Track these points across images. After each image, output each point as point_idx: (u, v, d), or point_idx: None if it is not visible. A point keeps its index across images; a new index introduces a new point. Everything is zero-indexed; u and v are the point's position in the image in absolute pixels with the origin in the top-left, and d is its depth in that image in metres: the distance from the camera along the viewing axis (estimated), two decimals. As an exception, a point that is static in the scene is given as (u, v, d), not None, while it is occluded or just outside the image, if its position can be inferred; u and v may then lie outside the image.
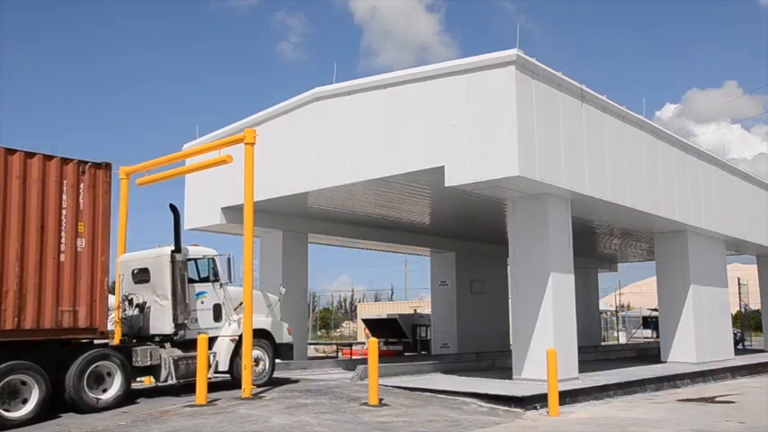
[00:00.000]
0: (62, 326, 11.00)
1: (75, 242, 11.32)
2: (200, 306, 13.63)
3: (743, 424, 11.14)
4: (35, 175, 10.97)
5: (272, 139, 17.00)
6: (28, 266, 10.74)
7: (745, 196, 24.69)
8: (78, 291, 11.26)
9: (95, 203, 11.65)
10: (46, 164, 11.12)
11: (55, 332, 10.97)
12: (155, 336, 13.32)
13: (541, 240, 14.93)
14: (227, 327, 13.86)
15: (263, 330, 14.17)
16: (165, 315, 13.18)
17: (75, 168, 11.49)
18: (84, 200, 11.51)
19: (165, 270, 13.28)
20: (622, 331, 52.20)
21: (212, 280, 13.90)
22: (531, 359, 14.67)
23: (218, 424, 9.89)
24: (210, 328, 13.57)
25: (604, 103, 16.16)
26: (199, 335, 12.60)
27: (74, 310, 11.16)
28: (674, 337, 21.04)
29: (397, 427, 9.99)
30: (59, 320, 10.97)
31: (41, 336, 10.86)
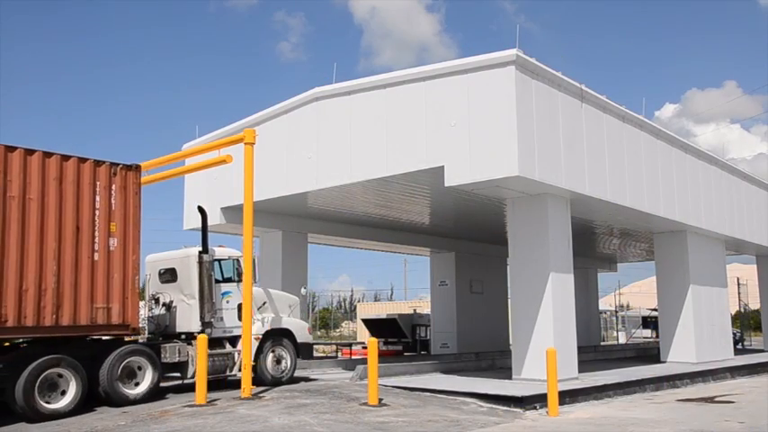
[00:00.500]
0: (97, 322, 11.44)
1: (107, 242, 11.72)
2: (226, 305, 14.02)
3: (742, 424, 11.14)
4: (70, 177, 11.36)
5: (272, 140, 17.01)
6: (64, 265, 11.12)
7: (745, 196, 24.70)
8: (111, 289, 11.66)
9: (126, 204, 12.03)
10: (80, 166, 11.52)
11: (90, 328, 11.43)
12: (181, 333, 13.67)
13: (541, 240, 14.93)
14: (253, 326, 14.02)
15: (285, 330, 14.66)
16: (193, 314, 13.61)
17: (108, 170, 11.89)
18: (116, 200, 11.91)
19: (192, 270, 13.72)
20: (622, 331, 52.18)
21: (237, 280, 14.22)
22: (530, 359, 14.68)
23: (218, 424, 9.89)
24: (235, 327, 13.95)
25: (604, 103, 16.16)
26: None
27: (107, 307, 11.57)
28: (674, 337, 21.05)
29: (396, 427, 9.99)
30: (94, 317, 11.40)
31: (78, 332, 11.32)
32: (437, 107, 14.40)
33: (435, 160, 14.24)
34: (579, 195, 15.28)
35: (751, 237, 24.63)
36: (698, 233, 21.52)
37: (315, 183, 16.52)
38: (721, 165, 22.99)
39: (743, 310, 38.07)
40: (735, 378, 20.11)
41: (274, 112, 17.75)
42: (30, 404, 10.45)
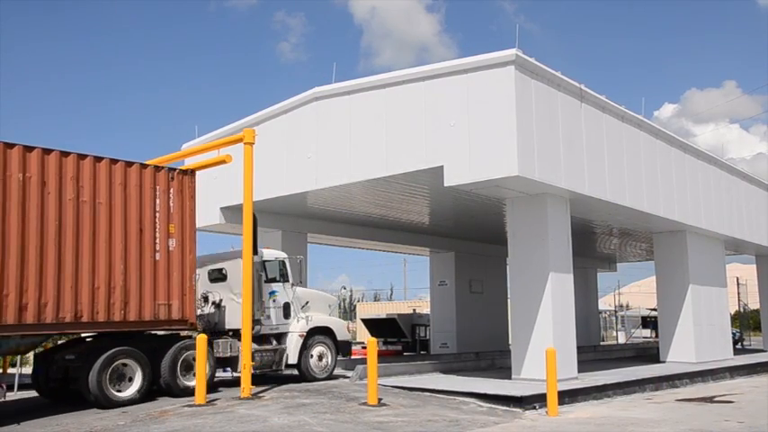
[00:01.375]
0: (159, 318, 12.29)
1: (167, 242, 12.58)
2: (272, 304, 14.78)
3: (741, 423, 11.14)
4: (133, 182, 12.20)
5: (272, 139, 17.00)
6: (130, 265, 11.98)
7: (744, 196, 24.71)
8: (171, 286, 12.51)
9: (183, 206, 12.89)
10: (142, 171, 12.38)
11: (153, 323, 12.32)
12: (230, 330, 14.35)
13: (541, 240, 14.94)
14: (295, 323, 15.10)
15: (326, 328, 15.57)
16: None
17: (166, 175, 12.77)
18: (174, 203, 12.76)
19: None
20: (621, 331, 52.19)
21: (282, 280, 15.05)
22: (530, 359, 14.68)
23: (218, 424, 9.89)
24: (281, 325, 14.88)
25: (603, 102, 16.16)
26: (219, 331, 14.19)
27: (168, 303, 12.43)
28: (673, 336, 21.06)
29: (395, 426, 9.99)
30: (157, 313, 12.25)
31: (143, 327, 12.24)
32: (437, 107, 14.40)
33: (435, 160, 14.24)
34: (579, 195, 15.28)
35: (750, 236, 24.64)
36: (697, 233, 21.53)
37: (314, 183, 16.52)
38: (720, 164, 22.99)
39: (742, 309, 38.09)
40: (734, 378, 20.11)
41: (274, 112, 17.74)
42: (102, 392, 11.40)
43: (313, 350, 15.09)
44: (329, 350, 15.41)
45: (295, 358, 14.82)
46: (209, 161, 14.76)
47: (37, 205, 10.99)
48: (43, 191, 11.11)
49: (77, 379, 11.51)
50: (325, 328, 15.53)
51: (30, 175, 10.99)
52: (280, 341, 14.82)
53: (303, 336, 14.98)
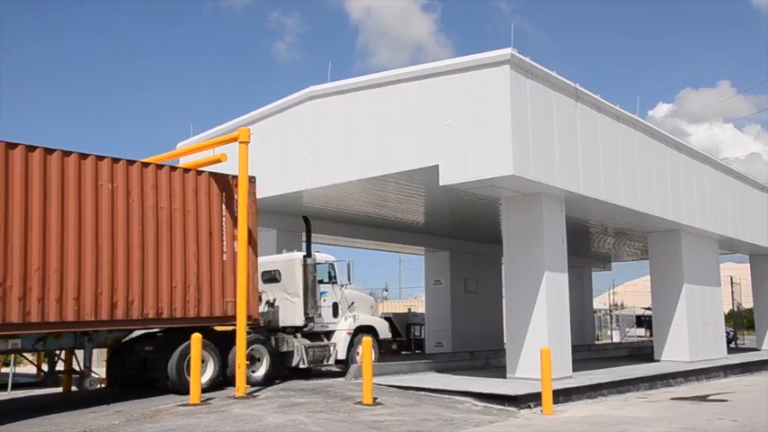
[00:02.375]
0: (227, 314, 13.24)
1: (233, 244, 13.50)
2: (322, 303, 16.07)
3: (735, 422, 11.17)
4: (203, 188, 13.24)
5: (267, 138, 16.98)
6: (202, 265, 13.04)
7: (738, 196, 24.78)
8: (236, 285, 13.23)
9: (245, 210, 13.43)
10: (210, 179, 13.40)
11: (222, 319, 13.27)
12: (285, 327, 15.54)
13: (536, 239, 14.95)
14: (343, 322, 16.49)
15: (370, 327, 16.93)
16: (296, 310, 15.64)
17: (231, 182, 13.66)
18: (236, 208, 13.49)
19: (296, 272, 15.80)
20: (616, 330, 52.29)
21: (332, 282, 16.44)
22: (525, 358, 14.69)
23: (212, 423, 9.87)
24: (330, 323, 16.25)
25: (598, 102, 16.18)
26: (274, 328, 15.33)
27: (234, 301, 13.22)
28: (668, 335, 21.11)
29: (390, 425, 9.99)
30: (225, 309, 13.28)
31: (213, 322, 13.28)
32: (432, 106, 14.40)
33: (430, 159, 14.24)
34: (574, 194, 15.30)
35: (744, 236, 24.71)
36: (692, 232, 21.58)
37: (309, 182, 16.51)
38: (715, 164, 23.06)
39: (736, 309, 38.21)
40: (728, 377, 20.18)
41: (269, 111, 17.72)
42: (181, 379, 12.47)
43: (359, 347, 15.87)
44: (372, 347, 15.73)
45: (344, 354, 16.10)
46: (203, 160, 14.73)
47: (123, 212, 12.03)
48: (128, 199, 12.14)
49: (156, 368, 12.76)
50: (370, 326, 16.86)
51: (117, 184, 12.01)
52: (329, 338, 16.20)
53: (350, 333, 16.29)
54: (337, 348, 16.12)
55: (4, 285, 10.47)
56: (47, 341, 11.50)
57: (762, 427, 10.81)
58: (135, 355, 13.26)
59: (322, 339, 16.06)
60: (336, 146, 16.12)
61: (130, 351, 13.36)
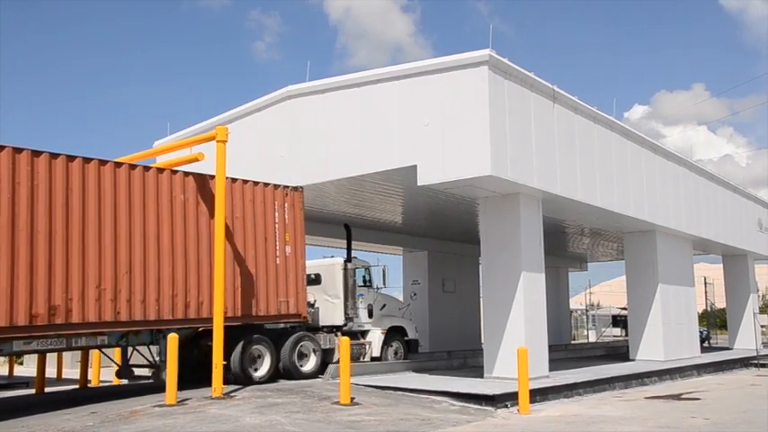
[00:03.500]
0: (280, 312, 14.63)
1: (285, 249, 14.87)
2: (360, 305, 17.55)
3: (707, 420, 11.33)
4: (259, 198, 14.59)
5: (245, 137, 16.89)
6: (260, 268, 14.31)
7: (712, 197, 25.12)
8: (288, 286, 14.82)
9: (295, 218, 15.19)
10: (265, 189, 14.72)
11: (277, 317, 14.65)
12: (324, 327, 16.77)
13: (513, 239, 15.03)
14: (377, 322, 18.10)
15: (400, 327, 18.65)
16: (336, 311, 17.16)
17: (282, 192, 15.04)
18: (288, 216, 15.05)
19: (337, 275, 17.33)
20: (592, 330, 52.78)
21: (367, 285, 17.97)
22: (502, 357, 14.77)
23: (188, 424, 9.79)
24: (366, 323, 17.84)
25: (575, 103, 16.31)
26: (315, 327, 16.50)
27: (287, 300, 14.74)
28: (643, 335, 21.34)
29: (368, 425, 9.99)
30: (279, 308, 14.60)
31: (270, 320, 14.62)
32: (410, 106, 14.42)
33: (408, 159, 14.26)
34: (551, 195, 15.40)
35: (717, 237, 25.06)
36: (666, 233, 21.84)
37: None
38: (689, 166, 23.35)
39: (709, 308, 38.68)
40: (701, 375, 20.45)
41: (247, 110, 17.63)
42: (243, 371, 13.93)
43: (391, 346, 17.98)
44: (402, 346, 18.38)
45: (378, 352, 17.70)
46: (180, 159, 14.61)
47: (194, 221, 13.28)
48: (198, 209, 13.39)
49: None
50: (400, 327, 18.64)
51: (188, 196, 13.25)
52: (364, 337, 17.72)
53: (384, 333, 17.95)
54: (372, 346, 17.74)
55: (99, 288, 11.71)
56: (128, 338, 12.76)
57: (733, 424, 10.98)
58: (198, 349, 14.08)
59: (359, 338, 17.52)
60: (315, 146, 16.08)
61: (194, 346, 14.16)
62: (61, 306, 11.20)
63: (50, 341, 11.50)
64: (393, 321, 18.55)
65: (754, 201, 29.99)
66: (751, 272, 30.57)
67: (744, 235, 28.08)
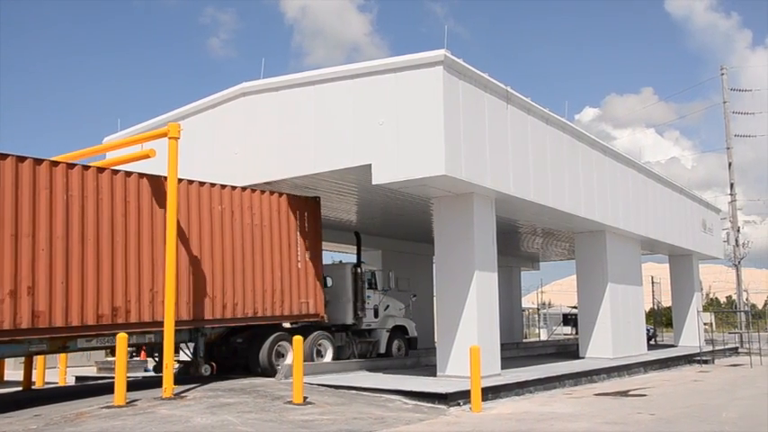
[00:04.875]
0: (301, 312, 16.10)
1: (305, 254, 16.26)
2: (367, 306, 18.97)
3: (653, 416, 11.62)
4: (284, 208, 15.91)
5: (198, 134, 16.65)
6: (284, 272, 15.68)
7: (659, 198, 25.74)
8: (308, 288, 16.25)
9: (313, 226, 16.58)
10: (289, 198, 16.08)
11: (299, 316, 16.14)
12: (332, 326, 17.85)
13: (466, 239, 15.15)
14: (383, 321, 19.74)
15: (401, 326, 20.36)
16: (347, 310, 18.54)
17: (300, 202, 16.35)
18: (308, 224, 16.45)
19: (347, 278, 18.74)
20: (544, 328, 53.54)
21: (373, 287, 19.40)
22: (455, 356, 14.88)
23: (137, 425, 9.60)
24: (372, 322, 19.31)
25: (528, 105, 16.51)
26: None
27: (307, 301, 16.20)
28: (592, 333, 21.75)
29: (321, 425, 9.95)
30: (300, 309, 16.05)
31: (292, 319, 16.16)
32: (365, 105, 14.41)
33: (363, 158, 14.25)
34: (504, 195, 15.57)
35: (664, 237, 25.69)
36: (616, 233, 22.29)
37: (242, 179, 16.25)
38: (638, 168, 23.88)
39: (656, 307, 39.66)
40: (647, 372, 20.96)
41: (200, 107, 17.38)
42: (270, 365, 15.42)
43: (394, 343, 19.77)
44: (403, 343, 20.25)
45: (384, 348, 19.46)
46: (131, 155, 14.31)
47: (230, 230, 14.65)
48: (232, 218, 14.75)
49: (247, 357, 15.59)
50: (402, 326, 20.37)
51: (224, 206, 14.59)
52: (371, 335, 19.32)
53: (389, 331, 19.69)
54: (380, 344, 19.50)
55: (152, 291, 12.98)
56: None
57: (676, 419, 11.29)
58: (227, 346, 15.61)
59: (366, 336, 19.14)
60: (269, 143, 15.94)
61: (223, 343, 15.55)
62: (122, 307, 12.52)
63: (107, 339, 12.72)
64: (396, 321, 20.14)
65: (698, 202, 30.87)
66: (695, 271, 31.46)
67: (689, 235, 28.88)
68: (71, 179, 11.96)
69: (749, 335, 30.39)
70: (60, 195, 11.72)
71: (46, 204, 11.51)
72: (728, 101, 37.71)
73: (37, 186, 11.43)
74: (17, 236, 11.09)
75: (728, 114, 37.56)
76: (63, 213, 11.71)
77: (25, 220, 11.23)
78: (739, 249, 36.39)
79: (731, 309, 57.67)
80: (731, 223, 36.56)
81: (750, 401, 13.78)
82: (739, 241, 36.47)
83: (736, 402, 13.53)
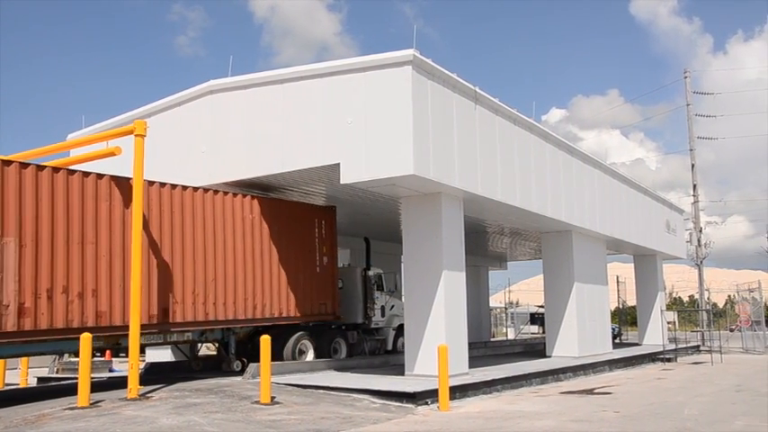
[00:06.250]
0: (320, 312, 17.46)
1: (322, 259, 17.52)
2: (376, 306, 20.33)
3: (617, 413, 11.78)
4: (307, 216, 17.29)
5: (165, 132, 16.46)
6: (306, 275, 16.98)
7: (624, 199, 26.13)
8: (326, 290, 17.60)
9: (330, 233, 17.83)
10: (309, 207, 17.55)
11: (318, 316, 17.44)
12: (342, 324, 19.08)
13: (434, 238, 15.20)
14: (389, 321, 21.10)
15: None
16: (358, 311, 19.85)
17: (318, 210, 17.67)
18: (325, 231, 17.68)
19: (357, 280, 20.09)
20: (511, 327, 54.00)
21: (381, 289, 20.69)
22: (423, 355, 14.92)
23: (101, 427, 9.45)
24: (380, 321, 20.66)
25: (496, 105, 16.63)
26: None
27: (325, 303, 17.56)
28: (559, 332, 21.99)
29: (288, 424, 9.90)
30: (319, 309, 17.41)
31: (313, 319, 17.37)
32: (334, 104, 14.37)
33: (331, 157, 14.22)
34: (472, 195, 15.65)
35: (629, 237, 26.07)
36: (582, 233, 22.56)
37: (209, 177, 16.13)
38: (604, 168, 24.20)
39: (621, 306, 40.22)
40: (612, 370, 21.25)
41: (167, 104, 17.19)
42: (294, 360, 16.62)
43: (399, 340, 20.67)
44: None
45: (391, 346, 21.01)
46: (96, 153, 14.07)
47: (259, 236, 15.84)
48: (261, 226, 15.90)
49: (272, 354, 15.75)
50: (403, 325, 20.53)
51: (254, 215, 15.73)
52: (378, 333, 20.59)
53: (395, 330, 21.11)
54: (388, 341, 21.02)
55: (194, 294, 14.25)
56: (205, 334, 15.31)
57: (640, 416, 11.46)
58: (252, 344, 15.88)
59: (375, 334, 20.47)
60: (237, 142, 15.82)
61: (249, 341, 16.22)
62: (169, 308, 13.77)
63: (154, 337, 13.98)
64: (400, 320, 20.66)
65: (662, 203, 31.40)
66: (659, 271, 32.00)
67: (653, 236, 29.36)
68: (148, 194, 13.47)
69: (710, 333, 30.99)
70: (119, 207, 13.01)
71: (106, 215, 12.79)
72: (692, 104, 38.38)
73: (99, 198, 12.72)
74: (83, 243, 12.37)
75: (692, 117, 38.25)
76: (120, 223, 12.98)
77: (89, 229, 12.49)
78: (701, 249, 37.08)
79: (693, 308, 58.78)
80: (694, 224, 37.23)
81: (710, 398, 14.06)
82: (701, 242, 37.16)
83: (697, 399, 13.79)
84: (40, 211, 11.74)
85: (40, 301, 11.61)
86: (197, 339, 15.46)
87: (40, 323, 11.55)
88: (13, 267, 11.32)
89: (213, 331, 15.32)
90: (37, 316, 11.53)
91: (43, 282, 11.68)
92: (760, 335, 31.39)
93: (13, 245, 11.36)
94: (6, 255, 11.26)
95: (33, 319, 11.47)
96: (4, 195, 11.33)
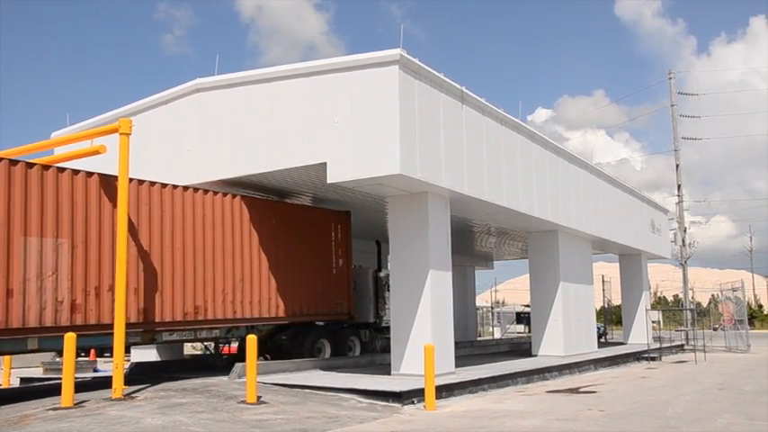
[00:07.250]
0: (336, 312, 18.32)
1: (338, 261, 18.35)
2: (386, 306, 20.46)
3: (602, 412, 11.85)
4: (324, 220, 18.12)
5: (150, 131, 16.38)
6: (322, 276, 17.83)
7: (610, 199, 26.28)
8: (341, 291, 18.43)
9: (345, 236, 18.60)
10: (326, 212, 18.32)
11: (334, 315, 18.31)
12: (357, 324, 19.82)
13: (421, 238, 15.22)
14: None
15: None
16: (370, 310, 20.63)
17: (333, 214, 18.45)
18: (340, 234, 18.48)
19: (369, 281, 20.91)
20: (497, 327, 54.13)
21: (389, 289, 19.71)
22: (409, 355, 14.93)
23: (85, 428, 9.38)
24: (389, 320, 19.32)
25: (483, 105, 16.66)
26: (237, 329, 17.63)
27: (340, 302, 18.40)
28: (545, 331, 22.08)
29: (274, 424, 9.88)
30: (335, 309, 18.26)
31: (329, 318, 18.27)
32: (321, 103, 14.36)
33: (318, 156, 14.20)
34: (458, 194, 15.68)
35: (614, 237, 26.23)
36: (568, 233, 22.66)
37: (195, 176, 16.05)
38: (590, 168, 24.32)
39: (606, 305, 40.44)
40: (598, 369, 21.38)
41: (153, 103, 17.10)
42: (313, 356, 17.44)
43: None
44: None
45: None
46: (81, 151, 13.98)
47: (284, 241, 16.74)
48: (285, 230, 16.81)
49: (291, 352, 17.27)
50: None
51: (275, 220, 16.56)
52: (389, 332, 19.84)
53: None
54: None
55: (224, 293, 15.16)
56: (231, 331, 16.02)
57: (625, 414, 11.53)
58: (271, 341, 17.35)
59: (385, 333, 20.30)
60: (223, 140, 15.76)
61: (269, 338, 17.19)
62: (201, 306, 14.61)
63: (185, 333, 14.83)
64: None
65: (647, 203, 31.62)
66: (644, 270, 32.22)
67: (638, 235, 29.56)
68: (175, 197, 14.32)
69: (694, 332, 31.23)
70: (157, 211, 13.90)
71: (146, 218, 13.70)
72: (676, 104, 38.69)
73: (140, 202, 13.63)
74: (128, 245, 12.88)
75: (676, 117, 38.54)
76: (159, 226, 13.94)
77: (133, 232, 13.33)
78: (686, 249, 37.35)
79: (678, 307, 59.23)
80: (678, 224, 37.49)
81: (694, 396, 14.18)
82: (686, 241, 37.43)
83: (681, 398, 13.90)
84: (89, 214, 12.74)
85: (89, 297, 12.59)
86: (224, 336, 16.28)
87: (89, 318, 12.54)
88: (67, 266, 12.27)
89: (239, 328, 15.99)
90: (86, 312, 12.50)
91: (92, 280, 12.65)
92: (743, 334, 31.65)
93: (67, 245, 12.30)
94: (60, 255, 12.21)
95: (83, 314, 12.46)
96: (59, 200, 12.27)
